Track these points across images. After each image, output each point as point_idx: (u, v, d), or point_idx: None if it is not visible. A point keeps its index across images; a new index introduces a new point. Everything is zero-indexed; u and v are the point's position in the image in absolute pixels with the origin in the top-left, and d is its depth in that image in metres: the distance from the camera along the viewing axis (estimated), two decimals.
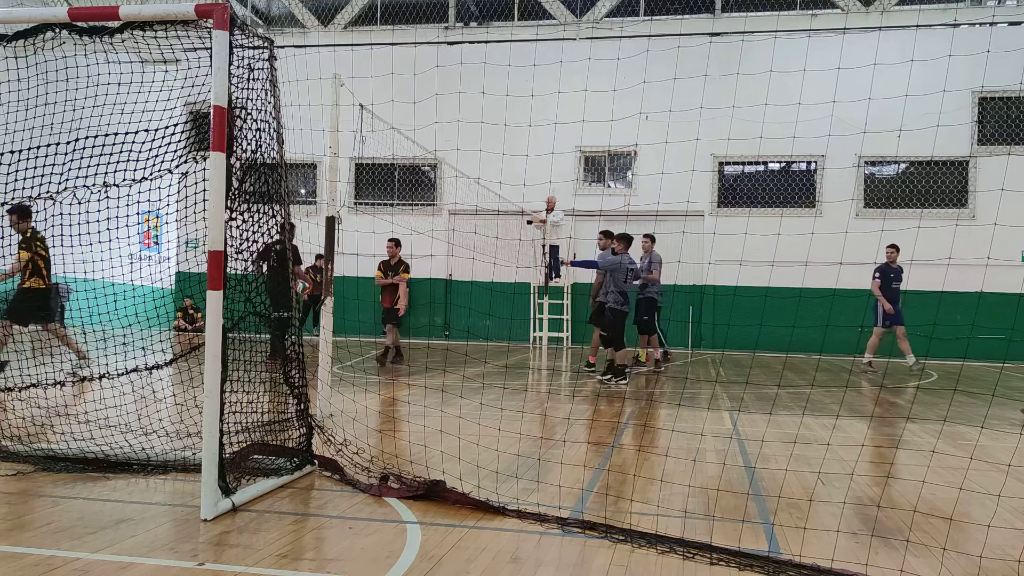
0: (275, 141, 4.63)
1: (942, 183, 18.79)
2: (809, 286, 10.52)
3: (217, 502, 3.90)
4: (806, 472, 5.28)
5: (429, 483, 4.33)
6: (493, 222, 15.66)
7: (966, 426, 7.79)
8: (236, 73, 4.18)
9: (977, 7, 19.07)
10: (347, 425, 6.51)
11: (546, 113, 7.01)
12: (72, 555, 3.31)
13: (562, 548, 3.59)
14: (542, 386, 10.86)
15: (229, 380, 4.06)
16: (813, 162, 19.33)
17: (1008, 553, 3.61)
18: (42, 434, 5.30)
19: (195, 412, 5.30)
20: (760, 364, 15.32)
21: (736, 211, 19.34)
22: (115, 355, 6.32)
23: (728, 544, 3.59)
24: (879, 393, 10.50)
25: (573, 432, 6.66)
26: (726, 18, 19.72)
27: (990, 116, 18.57)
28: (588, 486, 4.74)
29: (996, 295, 15.77)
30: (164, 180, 5.03)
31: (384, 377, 10.80)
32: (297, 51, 7.57)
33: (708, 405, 8.76)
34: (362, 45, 20.18)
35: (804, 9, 19.41)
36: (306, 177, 21.40)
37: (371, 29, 21.00)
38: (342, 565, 3.29)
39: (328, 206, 7.09)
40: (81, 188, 5.11)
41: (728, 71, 11.13)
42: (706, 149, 18.04)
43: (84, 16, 4.43)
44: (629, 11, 20.37)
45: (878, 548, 3.67)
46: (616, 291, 10.54)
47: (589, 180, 20.42)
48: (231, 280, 4.10)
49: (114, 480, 4.58)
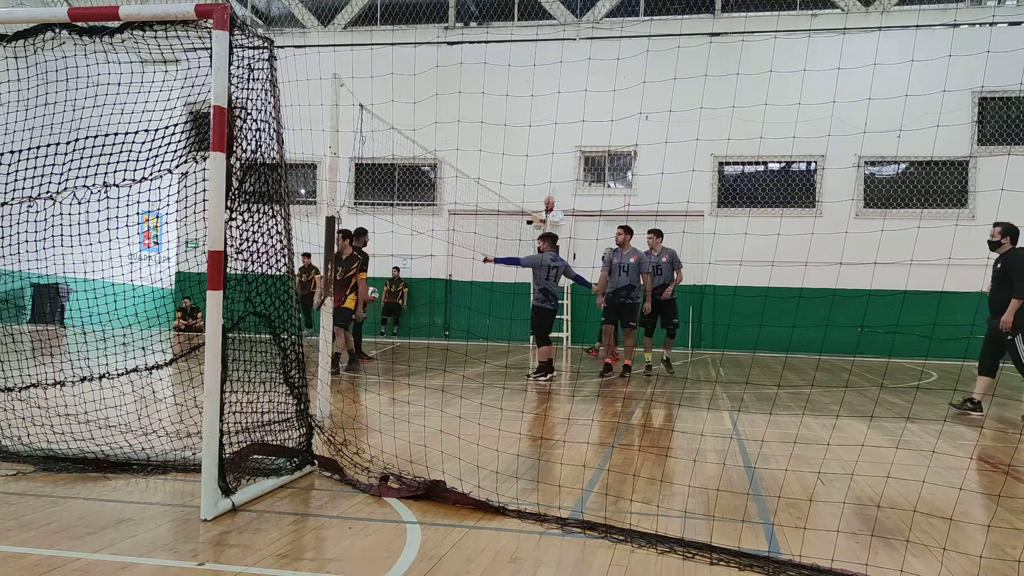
0: (275, 141, 4.63)
1: (942, 183, 18.79)
2: (809, 286, 10.52)
3: (217, 502, 3.90)
4: (806, 472, 5.28)
5: (429, 483, 4.33)
6: (493, 222, 15.66)
7: (966, 426, 7.80)
8: (236, 73, 4.18)
9: (977, 7, 19.07)
10: (347, 425, 6.51)
11: (546, 113, 7.01)
12: (72, 555, 3.31)
13: (562, 548, 3.59)
14: (542, 386, 10.86)
15: (229, 380, 4.06)
16: (813, 162, 19.34)
17: (1008, 553, 3.61)
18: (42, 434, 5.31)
19: (195, 412, 5.30)
20: (760, 364, 15.33)
21: (736, 211, 19.34)
22: (115, 355, 6.32)
23: (728, 544, 3.59)
24: (879, 393, 10.50)
25: (573, 432, 6.66)
26: (726, 18, 19.73)
27: (990, 116, 18.58)
28: (588, 486, 4.74)
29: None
30: (164, 180, 5.02)
31: (384, 377, 10.80)
32: (297, 51, 7.57)
33: (708, 405, 8.76)
34: (362, 45, 20.20)
35: (804, 9, 19.41)
36: (306, 177, 21.41)
37: (371, 29, 21.01)
38: (342, 565, 3.29)
39: (328, 206, 7.09)
40: (81, 188, 5.10)
41: (728, 71, 11.14)
42: (706, 149, 18.06)
43: (84, 16, 4.43)
44: (629, 11, 20.38)
45: (878, 548, 3.67)
46: (538, 289, 10.83)
47: (589, 180, 20.43)
48: (231, 280, 4.10)
49: (114, 480, 4.58)
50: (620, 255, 11.28)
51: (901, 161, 18.90)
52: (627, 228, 11.31)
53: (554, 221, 17.08)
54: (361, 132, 7.53)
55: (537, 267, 10.83)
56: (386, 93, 7.24)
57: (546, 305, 10.86)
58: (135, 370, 5.71)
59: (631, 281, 11.15)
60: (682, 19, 19.46)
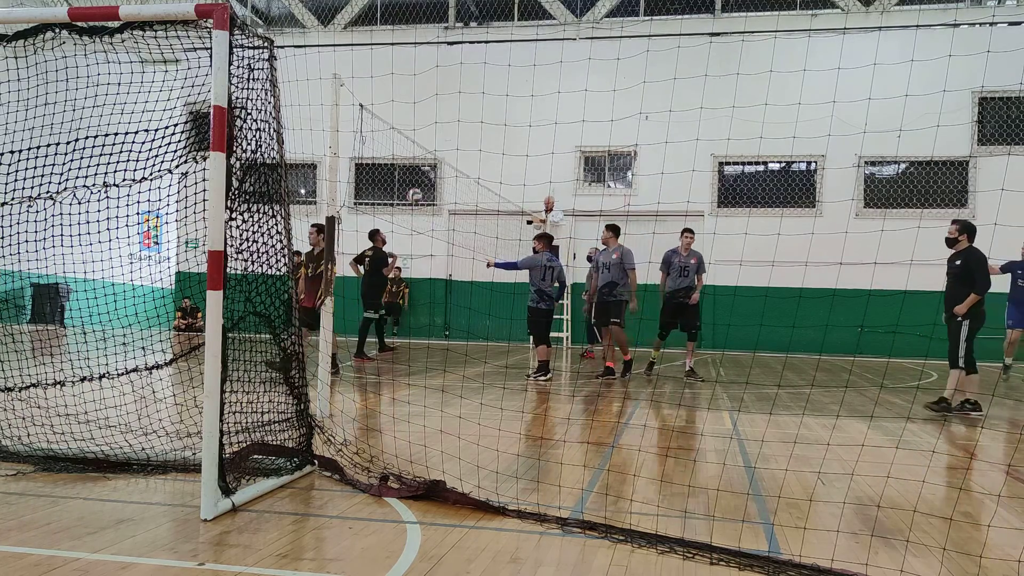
0: (275, 141, 4.62)
1: (942, 183, 18.79)
2: (809, 286, 10.51)
3: (217, 502, 3.90)
4: (806, 472, 5.27)
5: (429, 483, 4.33)
6: (493, 222, 15.66)
7: (966, 426, 7.80)
8: (236, 73, 4.18)
9: (977, 7, 19.07)
10: (347, 425, 6.51)
11: (546, 113, 7.00)
12: (72, 555, 3.31)
13: (562, 548, 3.59)
14: (542, 386, 10.86)
15: (229, 380, 4.06)
16: (813, 162, 19.34)
17: (1008, 553, 3.61)
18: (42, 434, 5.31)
19: (195, 412, 5.29)
20: (760, 364, 15.32)
21: (736, 211, 19.34)
22: (115, 355, 6.32)
23: (728, 544, 3.59)
24: (879, 393, 10.50)
25: (573, 432, 6.66)
26: (726, 18, 19.73)
27: (990, 116, 18.58)
28: (588, 486, 4.74)
29: (996, 295, 15.74)
30: (164, 180, 5.02)
31: (385, 377, 10.80)
32: (297, 51, 7.57)
33: (708, 405, 8.76)
34: (362, 45, 20.20)
35: (804, 9, 19.41)
36: (306, 177, 21.40)
37: (371, 29, 21.01)
38: (342, 565, 3.29)
39: (328, 206, 7.09)
40: (81, 188, 5.10)
41: (728, 71, 11.13)
42: (706, 149, 18.05)
43: (84, 16, 4.43)
44: (629, 11, 20.38)
45: (878, 548, 3.67)
46: (534, 289, 10.84)
47: (589, 180, 20.43)
48: (231, 280, 4.10)
49: (114, 480, 4.58)
50: (604, 253, 11.23)
51: (901, 161, 18.90)
52: (612, 227, 11.21)
53: (554, 221, 17.08)
54: (361, 132, 7.52)
55: (535, 267, 10.83)
56: (386, 93, 7.24)
57: (540, 305, 10.85)
58: (135, 370, 5.71)
59: (612, 278, 11.00)
60: (682, 19, 19.45)
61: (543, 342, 10.92)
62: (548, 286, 10.86)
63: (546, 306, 10.90)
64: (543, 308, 10.88)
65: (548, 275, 10.86)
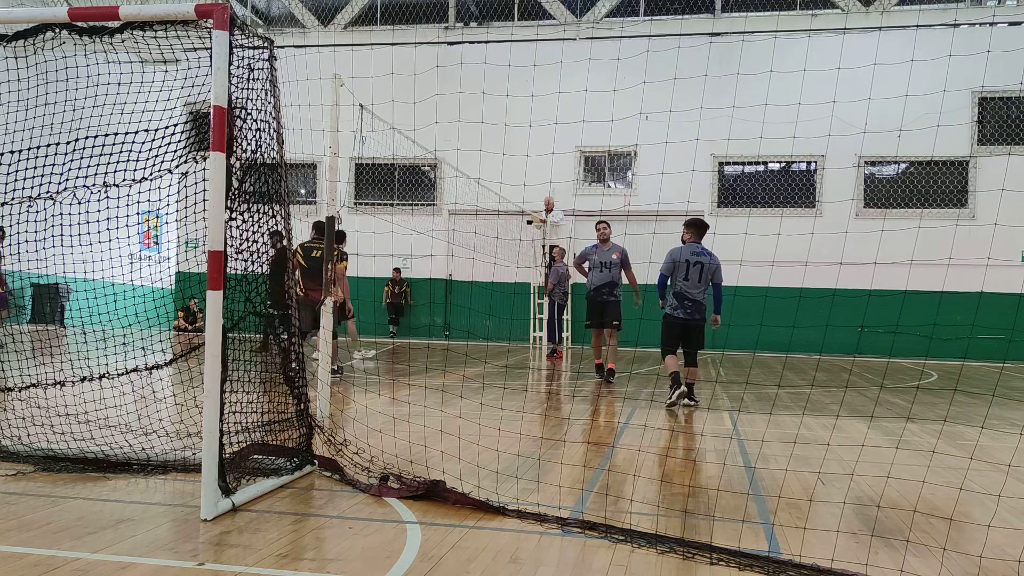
0: (275, 141, 4.63)
1: (942, 183, 18.79)
2: (809, 286, 10.50)
3: (217, 502, 3.90)
4: (806, 472, 5.27)
5: (429, 483, 4.33)
6: (493, 222, 15.65)
7: (966, 426, 7.80)
8: (236, 73, 4.18)
9: (977, 7, 19.07)
10: (347, 425, 6.51)
11: (546, 113, 7.00)
12: (72, 555, 3.31)
13: (562, 548, 3.59)
14: (542, 386, 10.86)
15: (229, 380, 4.06)
16: (813, 162, 19.34)
17: (1008, 553, 3.61)
18: (42, 434, 5.31)
19: (195, 412, 5.29)
20: (760, 364, 15.32)
21: (736, 211, 19.34)
22: (115, 355, 6.32)
23: (728, 544, 3.59)
24: (879, 393, 10.50)
25: (573, 432, 6.66)
26: (726, 18, 19.73)
27: (990, 116, 18.58)
28: (588, 486, 4.73)
29: (996, 295, 15.76)
30: (164, 180, 5.02)
31: (385, 377, 10.80)
32: (297, 51, 7.57)
33: (708, 405, 8.75)
34: (362, 45, 20.19)
35: (804, 9, 19.41)
36: (306, 177, 21.40)
37: (371, 29, 21.01)
38: (342, 565, 3.29)
39: (328, 206, 7.09)
40: (81, 188, 5.10)
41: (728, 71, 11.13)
42: (706, 149, 18.06)
43: (84, 16, 4.43)
44: (629, 11, 20.38)
45: (878, 548, 3.67)
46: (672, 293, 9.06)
47: (589, 180, 20.43)
48: (231, 280, 4.10)
49: (114, 480, 4.58)
50: (601, 251, 10.71)
51: (901, 161, 18.90)
52: (608, 223, 10.85)
53: (554, 221, 17.08)
54: (361, 132, 7.52)
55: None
56: (386, 93, 7.24)
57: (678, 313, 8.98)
58: (135, 370, 5.71)
59: (612, 278, 10.55)
60: (682, 19, 19.45)
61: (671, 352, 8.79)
62: (692, 287, 8.98)
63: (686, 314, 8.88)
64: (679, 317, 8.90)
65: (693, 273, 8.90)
